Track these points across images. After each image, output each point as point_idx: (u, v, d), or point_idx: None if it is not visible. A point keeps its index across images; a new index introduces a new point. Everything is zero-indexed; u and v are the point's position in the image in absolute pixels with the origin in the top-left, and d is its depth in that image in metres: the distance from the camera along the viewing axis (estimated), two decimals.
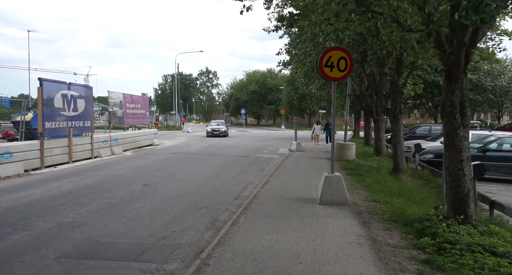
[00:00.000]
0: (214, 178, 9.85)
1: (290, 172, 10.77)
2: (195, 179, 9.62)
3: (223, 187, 8.72)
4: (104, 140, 14.90)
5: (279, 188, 8.29)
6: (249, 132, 42.34)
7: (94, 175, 9.94)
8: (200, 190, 8.32)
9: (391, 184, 8.70)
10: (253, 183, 9.21)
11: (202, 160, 13.68)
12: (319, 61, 6.61)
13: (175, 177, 9.93)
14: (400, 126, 10.56)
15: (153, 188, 8.41)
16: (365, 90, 15.40)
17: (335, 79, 6.69)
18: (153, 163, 12.78)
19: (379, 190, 8.02)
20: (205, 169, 11.55)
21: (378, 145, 15.12)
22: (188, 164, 12.65)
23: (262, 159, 14.66)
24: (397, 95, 10.43)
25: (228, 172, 11.03)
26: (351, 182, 9.07)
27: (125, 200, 7.18)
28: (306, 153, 16.96)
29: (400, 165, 10.46)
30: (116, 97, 16.67)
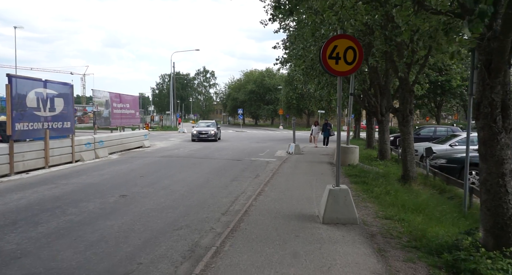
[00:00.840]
0: (202, 187, 8.75)
1: (288, 179, 9.68)
2: (180, 189, 8.52)
3: (211, 198, 7.62)
4: (87, 143, 13.78)
5: (275, 200, 7.19)
6: (246, 132, 41.25)
7: (66, 184, 8.82)
8: (184, 202, 7.22)
9: (402, 195, 7.62)
10: (245, 194, 8.11)
11: (192, 165, 12.58)
12: (322, 52, 5.52)
13: (158, 185, 8.82)
14: (410, 129, 9.49)
15: (130, 200, 7.30)
16: (368, 89, 14.33)
17: (341, 73, 5.60)
18: (138, 168, 11.67)
19: (390, 203, 6.93)
20: (194, 175, 10.45)
21: (383, 148, 14.05)
22: (176, 169, 11.54)
23: (258, 163, 13.57)
24: (407, 94, 9.36)
25: (219, 179, 9.93)
26: (357, 192, 7.98)
27: (92, 216, 6.07)
28: (305, 156, 15.87)
29: (411, 172, 9.39)
30: (101, 96, 15.54)
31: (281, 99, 55.37)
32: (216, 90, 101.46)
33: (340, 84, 5.73)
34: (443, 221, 5.90)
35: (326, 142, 20.90)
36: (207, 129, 24.01)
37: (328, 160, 14.08)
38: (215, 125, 25.68)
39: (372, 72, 11.87)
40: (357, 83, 13.66)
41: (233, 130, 47.60)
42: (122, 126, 18.16)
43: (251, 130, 48.24)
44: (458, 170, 10.16)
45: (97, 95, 15.27)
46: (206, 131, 23.77)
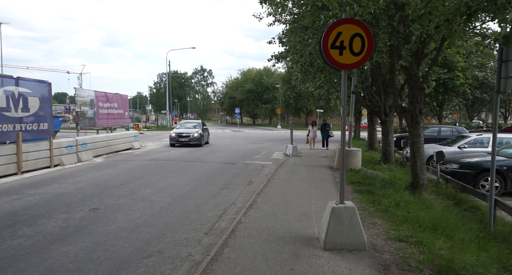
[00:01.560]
0: (186, 197, 7.75)
1: (284, 187, 8.68)
2: (161, 199, 7.52)
3: (195, 212, 6.63)
4: (68, 145, 12.75)
5: (267, 216, 6.20)
6: (243, 132, 40.25)
7: (33, 194, 7.80)
8: (163, 217, 6.22)
9: (414, 207, 6.65)
10: (235, 205, 7.12)
11: (181, 169, 11.57)
12: (323, 40, 4.52)
13: (138, 195, 7.81)
14: (420, 131, 8.50)
15: (100, 215, 6.30)
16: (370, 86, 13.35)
17: (346, 66, 4.61)
18: (120, 173, 10.65)
19: (402, 218, 5.95)
20: (181, 182, 9.45)
21: (387, 151, 13.07)
22: (162, 175, 10.54)
23: (253, 167, 12.57)
24: (417, 92, 8.37)
25: (207, 187, 8.93)
26: (362, 204, 7.00)
27: (48, 239, 5.06)
28: (303, 159, 14.88)
29: (421, 179, 8.40)
30: (85, 95, 14.51)
31: (279, 98, 54.39)
32: (214, 89, 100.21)
33: (345, 80, 4.73)
34: (468, 243, 4.93)
35: (325, 144, 19.51)
36: (190, 131, 19.62)
37: (328, 164, 13.09)
38: (201, 125, 21.10)
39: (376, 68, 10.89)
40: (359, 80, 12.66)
41: (230, 129, 46.61)
42: (109, 127, 17.12)
43: (249, 130, 47.24)
44: (473, 176, 9.20)
45: (80, 94, 14.23)
46: (188, 133, 19.39)
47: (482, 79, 32.63)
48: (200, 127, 20.66)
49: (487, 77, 32.57)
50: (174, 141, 19.41)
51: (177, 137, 19.40)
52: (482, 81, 32.94)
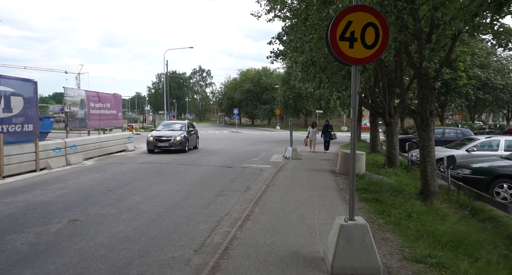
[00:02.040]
0: (178, 206, 7.11)
1: (284, 195, 8.04)
2: (150, 209, 6.87)
3: (186, 224, 5.98)
4: (56, 148, 12.09)
5: (266, 230, 5.55)
6: (241, 133, 39.61)
7: (8, 203, 7.13)
8: (149, 231, 5.57)
9: (427, 219, 6.02)
10: (230, 216, 6.48)
11: (174, 174, 10.92)
12: (331, 31, 3.89)
13: (125, 204, 7.17)
14: (431, 134, 7.88)
15: (79, 228, 5.65)
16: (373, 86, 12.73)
17: (358, 61, 3.98)
18: (110, 178, 10.00)
19: (416, 232, 5.32)
20: (173, 188, 8.80)
21: (391, 154, 12.44)
22: (153, 179, 9.89)
23: (250, 170, 11.93)
24: (427, 92, 7.75)
25: (201, 194, 8.29)
26: (370, 216, 6.36)
27: (12, 259, 4.41)
28: (304, 162, 14.24)
29: (432, 186, 7.77)
30: (75, 94, 13.84)
31: (277, 98, 53.78)
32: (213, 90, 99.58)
33: (356, 77, 4.11)
34: (496, 265, 4.30)
35: (327, 147, 18.42)
36: (171, 134, 16.37)
37: (330, 168, 12.45)
38: (188, 127, 17.82)
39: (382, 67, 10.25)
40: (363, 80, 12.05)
41: (229, 130, 45.96)
42: (101, 128, 16.45)
43: (247, 131, 46.61)
44: (486, 182, 8.58)
45: (70, 94, 13.55)
46: (169, 136, 16.13)
47: (484, 80, 32.07)
48: (185, 129, 17.38)
49: (489, 78, 32.02)
50: (151, 146, 16.10)
51: (155, 141, 16.08)
52: (484, 82, 32.39)
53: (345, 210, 6.63)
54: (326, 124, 18.24)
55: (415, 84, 13.29)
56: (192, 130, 18.52)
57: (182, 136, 16.54)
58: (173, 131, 17.07)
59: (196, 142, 18.75)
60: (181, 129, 17.46)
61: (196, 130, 19.43)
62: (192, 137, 17.96)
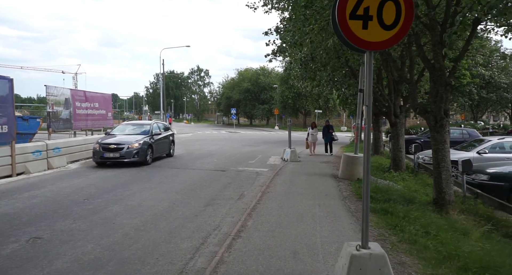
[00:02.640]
0: (161, 218, 6.25)
1: (281, 205, 7.18)
2: (128, 221, 6.02)
3: (167, 241, 5.13)
4: (36, 151, 11.21)
5: (259, 251, 4.69)
6: (239, 133, 38.74)
7: None
8: (122, 251, 4.71)
9: (447, 235, 5.16)
10: (219, 231, 5.62)
11: (163, 178, 10.06)
12: (338, 6, 3.03)
13: (100, 216, 6.30)
14: (446, 136, 7.03)
15: (38, 248, 4.78)
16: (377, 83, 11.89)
17: (373, 45, 3.12)
18: (91, 184, 9.12)
19: (439, 254, 4.47)
20: (158, 196, 7.94)
21: (397, 156, 11.59)
22: (139, 185, 9.03)
23: (246, 175, 11.08)
24: (442, 89, 6.90)
25: (189, 202, 7.43)
26: (381, 231, 5.50)
27: None
28: (303, 165, 13.39)
29: (447, 194, 6.93)
30: (58, 93, 12.94)
31: (276, 98, 52.91)
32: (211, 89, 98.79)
33: (370, 67, 3.24)
34: None
35: (329, 150, 17.19)
36: (125, 140, 12.12)
37: (331, 172, 11.59)
38: (154, 130, 13.53)
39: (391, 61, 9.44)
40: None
41: (226, 131, 45.10)
42: (88, 129, 15.55)
43: (245, 131, 45.75)
44: (506, 190, 7.74)
45: (53, 92, 12.65)
46: (121, 143, 11.92)
47: (488, 78, 31.27)
48: (150, 133, 13.10)
49: (493, 76, 31.22)
50: (97, 157, 11.95)
51: (101, 150, 11.85)
52: (488, 80, 31.58)
53: (351, 224, 5.77)
54: (327, 124, 17.13)
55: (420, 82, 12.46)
56: (161, 134, 14.05)
57: (141, 142, 12.25)
58: (129, 136, 12.81)
59: (169, 149, 14.81)
60: (144, 132, 13.18)
61: (171, 134, 15.31)
62: (161, 143, 13.91)
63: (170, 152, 15.01)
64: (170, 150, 14.91)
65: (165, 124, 15.62)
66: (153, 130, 13.50)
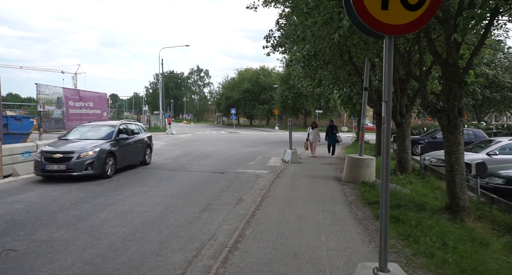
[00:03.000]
0: (152, 226, 5.75)
1: (282, 211, 6.67)
2: (116, 230, 5.52)
3: (156, 254, 4.63)
4: (25, 152, 10.72)
5: (258, 266, 4.19)
6: (239, 134, 38.26)
7: None
8: (105, 266, 4.21)
9: (467, 246, 4.66)
10: (214, 241, 5.12)
11: (157, 181, 9.56)
12: None
13: (86, 224, 5.80)
14: (460, 137, 6.53)
15: (9, 264, 4.28)
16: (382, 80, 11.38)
17: (393, 29, 2.61)
18: (81, 187, 8.61)
19: (461, 271, 3.97)
20: (151, 200, 7.44)
21: (403, 158, 11.09)
22: (132, 188, 8.53)
23: (245, 177, 10.58)
24: (456, 86, 6.40)
25: (183, 208, 6.93)
26: (393, 242, 4.98)
27: None
28: (304, 167, 12.89)
29: (461, 200, 6.42)
30: (50, 92, 12.44)
31: (276, 98, 52.41)
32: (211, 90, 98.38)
33: (389, 55, 2.74)
34: None
35: (332, 151, 16.33)
36: (78, 147, 9.57)
37: (334, 174, 11.09)
38: (120, 133, 10.85)
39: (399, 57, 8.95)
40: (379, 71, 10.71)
41: (226, 131, 44.63)
42: None
43: (245, 131, 45.27)
44: None
45: (44, 91, 12.15)
46: (71, 151, 9.33)
47: (492, 78, 30.78)
48: (113, 137, 10.37)
49: (497, 76, 30.72)
50: (38, 170, 9.25)
51: (43, 161, 9.13)
52: (492, 80, 31.09)
53: (359, 234, 5.27)
54: (331, 124, 16.26)
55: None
56: (131, 137, 11.40)
57: (98, 150, 9.44)
58: (88, 140, 10.06)
59: (143, 155, 12.13)
60: (106, 136, 10.39)
61: (146, 137, 12.67)
62: (131, 149, 11.19)
63: (145, 159, 12.27)
64: (144, 156, 12.22)
65: (139, 124, 13.07)
66: (118, 133, 10.69)
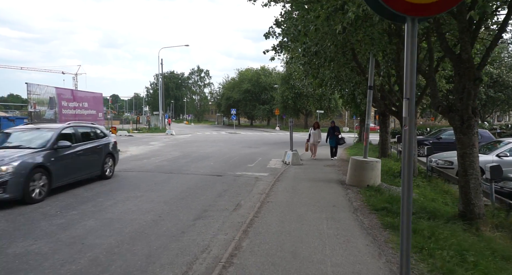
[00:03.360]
0: (141, 236, 5.27)
1: (283, 219, 6.19)
2: (102, 241, 5.04)
3: (143, 269, 4.16)
4: None
5: None
6: (239, 134, 37.80)
7: None
8: None
9: (490, 262, 4.18)
10: (208, 254, 4.64)
11: (152, 185, 9.08)
12: None
13: (69, 234, 5.33)
14: (474, 139, 6.04)
15: None
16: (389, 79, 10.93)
17: (418, 9, 2.12)
18: (67, 192, 8.15)
19: None
20: (143, 207, 6.97)
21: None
22: (124, 194, 8.06)
23: (244, 180, 10.11)
24: (470, 84, 5.93)
25: (177, 214, 6.46)
26: None
27: None
28: (306, 169, 12.40)
29: (476, 206, 5.94)
30: (42, 92, 11.96)
31: (276, 98, 51.93)
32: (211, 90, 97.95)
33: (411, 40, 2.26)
34: None
35: (334, 153, 15.69)
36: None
37: (337, 177, 10.60)
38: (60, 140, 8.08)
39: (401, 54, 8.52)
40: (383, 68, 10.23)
41: (226, 131, 44.19)
42: None
43: (246, 132, 44.81)
44: None
45: (35, 91, 11.67)
46: None
47: (496, 77, 30.25)
48: (50, 145, 7.82)
49: (501, 75, 30.20)
50: None
51: None
52: (496, 79, 30.56)
53: (367, 246, 4.78)
54: (332, 126, 15.58)
55: None
56: (80, 145, 8.84)
57: (15, 165, 6.82)
58: (11, 149, 7.51)
59: (101, 166, 9.50)
60: (42, 143, 7.79)
61: (107, 143, 9.99)
62: (80, 160, 8.70)
63: (104, 171, 9.55)
64: (103, 167, 9.49)
65: (98, 127, 10.02)
66: (58, 139, 8.04)
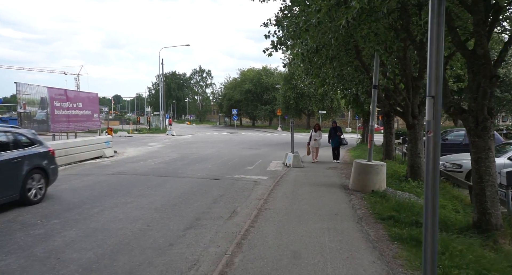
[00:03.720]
0: (124, 248, 4.79)
1: (281, 230, 5.69)
2: (80, 256, 4.57)
3: None
4: None
5: None
6: (240, 135, 37.31)
7: None
8: None
9: None
10: (196, 271, 4.17)
11: (144, 190, 8.61)
12: None
13: (45, 247, 4.86)
14: (491, 142, 5.52)
15: None
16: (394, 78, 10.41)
17: None
18: (53, 198, 7.69)
19: None
20: (132, 214, 6.49)
21: (415, 163, 10.07)
22: (113, 199, 7.58)
23: (242, 184, 9.63)
24: (485, 82, 5.41)
25: (167, 223, 5.98)
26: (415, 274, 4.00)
27: None
28: (307, 172, 11.90)
29: (493, 216, 5.42)
30: (32, 91, 11.51)
31: (279, 98, 51.43)
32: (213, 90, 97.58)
33: (440, 22, 1.76)
34: None
35: (336, 156, 14.79)
36: None
37: (340, 181, 10.08)
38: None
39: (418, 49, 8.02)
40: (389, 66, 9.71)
41: (228, 132, 43.73)
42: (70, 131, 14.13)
43: (247, 132, 44.33)
44: None
45: (25, 91, 11.21)
46: None
47: (502, 77, 29.61)
48: None
49: (508, 74, 29.57)
50: None
51: None
52: (502, 79, 29.92)
53: (374, 264, 4.28)
54: (334, 126, 14.76)
55: None
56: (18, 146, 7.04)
57: None
58: None
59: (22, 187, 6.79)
60: None
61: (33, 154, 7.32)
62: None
63: (26, 194, 6.89)
64: (23, 188, 6.83)
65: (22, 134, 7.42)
66: None
